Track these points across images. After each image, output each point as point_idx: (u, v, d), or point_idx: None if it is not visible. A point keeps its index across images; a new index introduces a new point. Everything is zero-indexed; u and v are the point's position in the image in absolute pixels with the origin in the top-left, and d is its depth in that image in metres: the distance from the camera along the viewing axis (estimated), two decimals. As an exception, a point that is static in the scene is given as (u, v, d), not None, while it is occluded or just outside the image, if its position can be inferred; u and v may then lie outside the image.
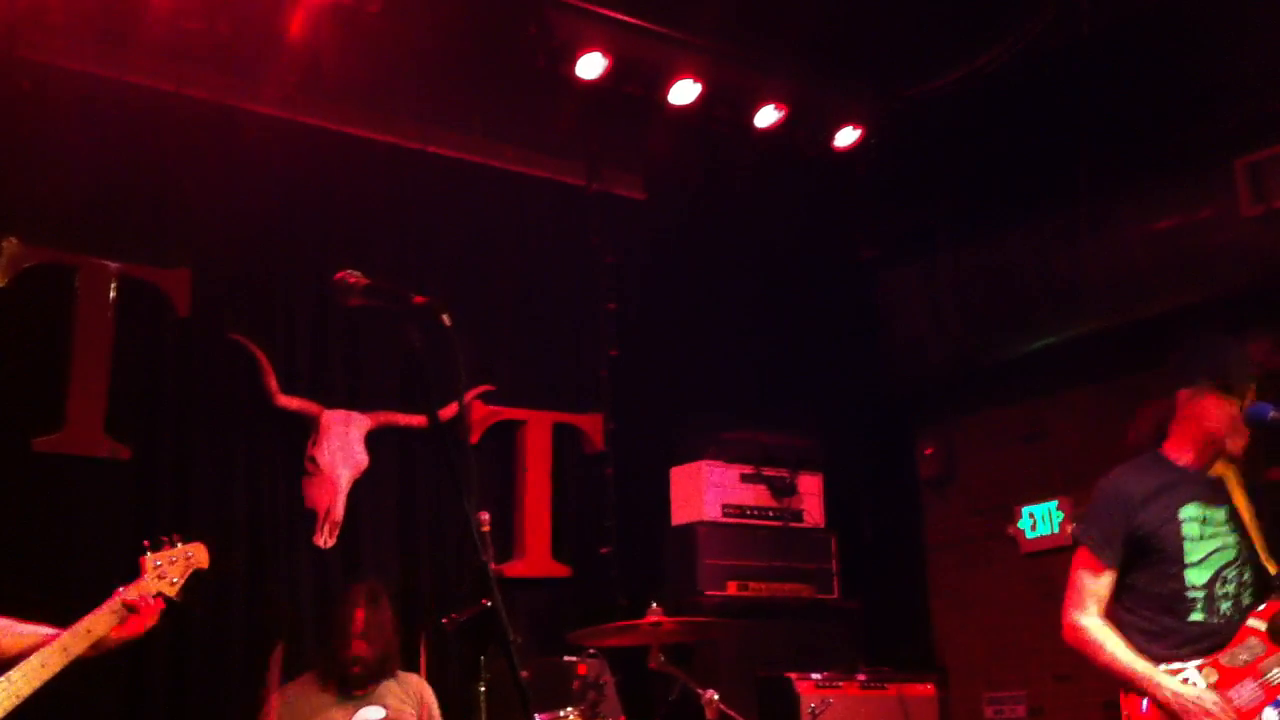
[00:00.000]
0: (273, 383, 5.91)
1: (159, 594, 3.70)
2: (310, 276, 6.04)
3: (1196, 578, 3.81)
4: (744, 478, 6.88)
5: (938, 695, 6.40)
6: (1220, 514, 3.88)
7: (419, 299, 2.86)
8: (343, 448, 5.98)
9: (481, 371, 6.49)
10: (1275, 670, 3.71)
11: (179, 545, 3.80)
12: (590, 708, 4.75)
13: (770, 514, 6.91)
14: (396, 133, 6.54)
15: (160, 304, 5.78)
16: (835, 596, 6.95)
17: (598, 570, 6.72)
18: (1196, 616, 3.80)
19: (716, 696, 4.75)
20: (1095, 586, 3.88)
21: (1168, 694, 3.69)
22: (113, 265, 5.67)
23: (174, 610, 5.39)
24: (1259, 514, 3.90)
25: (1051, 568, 7.27)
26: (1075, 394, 7.53)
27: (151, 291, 5.78)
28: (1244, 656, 3.74)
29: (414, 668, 5.25)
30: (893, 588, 7.74)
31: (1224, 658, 3.74)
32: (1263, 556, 3.84)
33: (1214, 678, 3.72)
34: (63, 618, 5.18)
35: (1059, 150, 6.77)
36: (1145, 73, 6.27)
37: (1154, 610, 3.85)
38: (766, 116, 6.65)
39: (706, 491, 6.74)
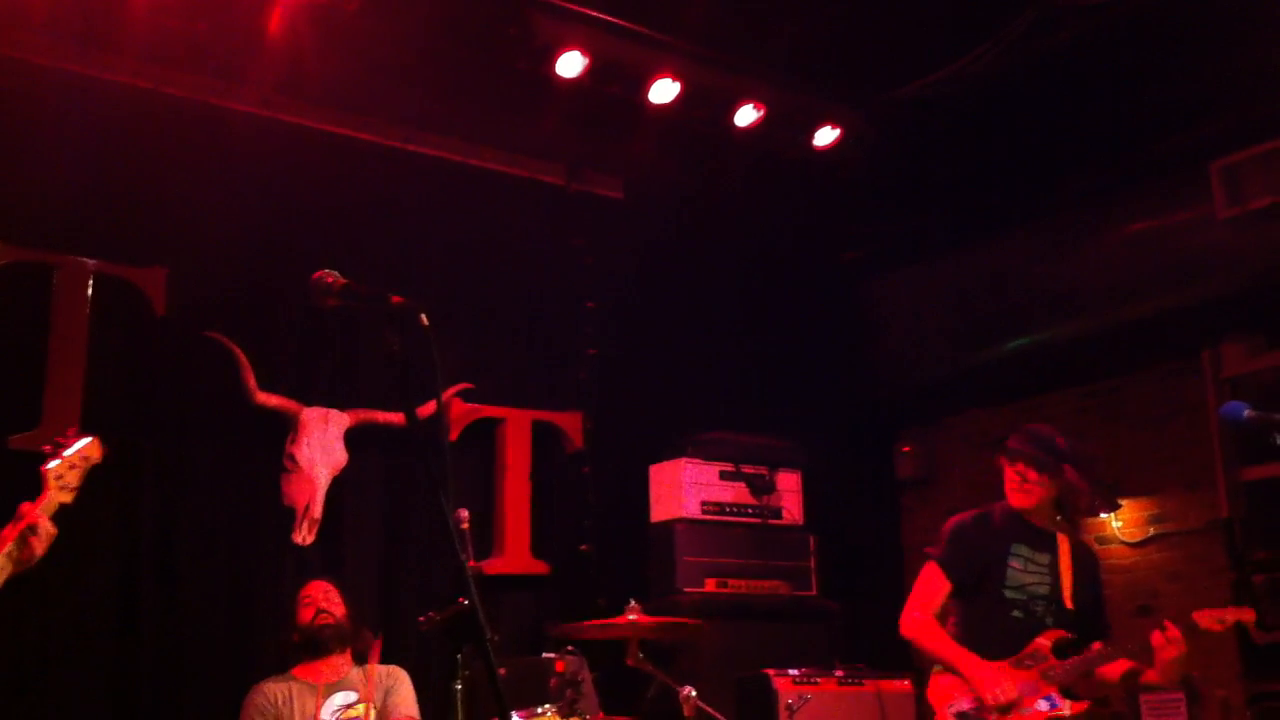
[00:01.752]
0: (251, 380, 5.90)
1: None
2: (289, 275, 6.03)
3: (1014, 596, 4.73)
4: (723, 475, 6.90)
5: (915, 692, 6.42)
6: (1043, 558, 4.78)
7: (396, 299, 2.87)
8: (322, 445, 5.99)
9: (461, 370, 6.50)
10: (1051, 674, 4.60)
11: (73, 447, 3.65)
12: (568, 705, 4.75)
13: (749, 511, 6.93)
14: (376, 132, 6.54)
15: (137, 302, 5.77)
16: (813, 594, 6.98)
17: (577, 567, 6.74)
18: (1012, 624, 4.71)
19: (694, 693, 4.76)
20: (934, 593, 4.84)
21: (972, 670, 4.61)
22: (90, 263, 5.66)
23: (160, 604, 5.46)
24: (1079, 570, 4.81)
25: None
26: (1055, 396, 7.59)
27: (128, 290, 5.77)
28: (1029, 662, 4.62)
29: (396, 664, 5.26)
30: (871, 587, 7.77)
31: (1013, 661, 4.63)
32: (1066, 595, 4.73)
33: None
34: (42, 610, 5.24)
35: (1040, 157, 6.82)
36: (1122, 78, 6.32)
37: (978, 621, 4.77)
38: (746, 116, 6.66)
39: (685, 489, 6.76)
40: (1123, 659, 4.61)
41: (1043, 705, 4.55)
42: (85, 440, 3.67)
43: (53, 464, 3.55)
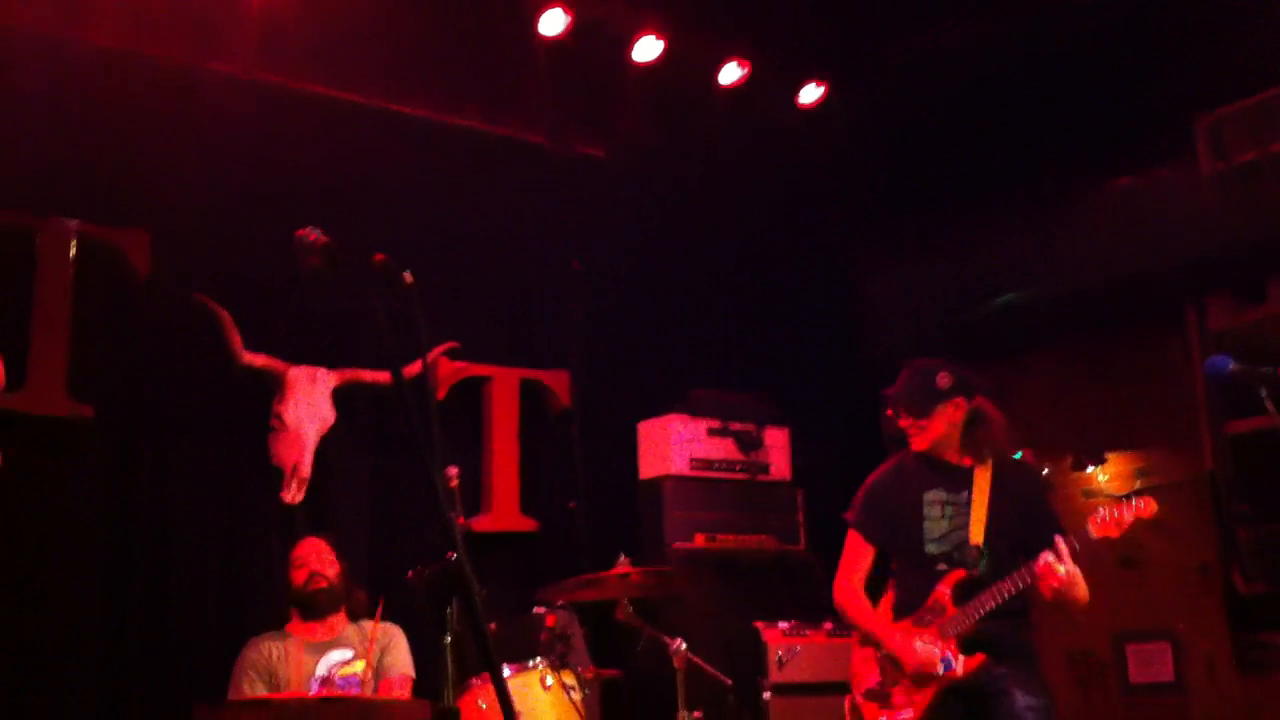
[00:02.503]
0: (237, 341, 5.90)
1: None
2: (272, 236, 5.98)
3: (937, 549, 4.45)
4: (711, 432, 6.93)
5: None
6: (963, 496, 4.47)
7: (380, 257, 2.87)
8: (309, 404, 5.99)
9: (448, 329, 6.50)
10: (947, 629, 4.31)
11: None
12: (559, 659, 4.80)
13: (737, 467, 6.96)
14: (359, 91, 6.51)
15: (122, 264, 5.76)
16: (801, 548, 7.02)
17: (565, 524, 6.77)
18: (940, 569, 4.42)
19: (684, 646, 4.81)
20: (856, 559, 4.68)
21: (886, 637, 4.44)
22: (72, 225, 5.64)
23: (150, 564, 5.47)
24: (998, 496, 4.44)
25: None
26: (1041, 353, 7.60)
27: (112, 251, 5.75)
28: (928, 617, 4.37)
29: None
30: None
31: (914, 620, 4.41)
32: (973, 531, 4.40)
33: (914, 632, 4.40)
34: (39, 565, 5.26)
35: (1022, 117, 6.79)
36: (1105, 33, 6.29)
37: (906, 582, 4.54)
38: (730, 74, 6.64)
39: (674, 446, 6.79)
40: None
41: (939, 668, 4.29)
42: None
43: None
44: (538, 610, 5.29)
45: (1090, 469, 7.29)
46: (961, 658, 4.27)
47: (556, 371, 6.99)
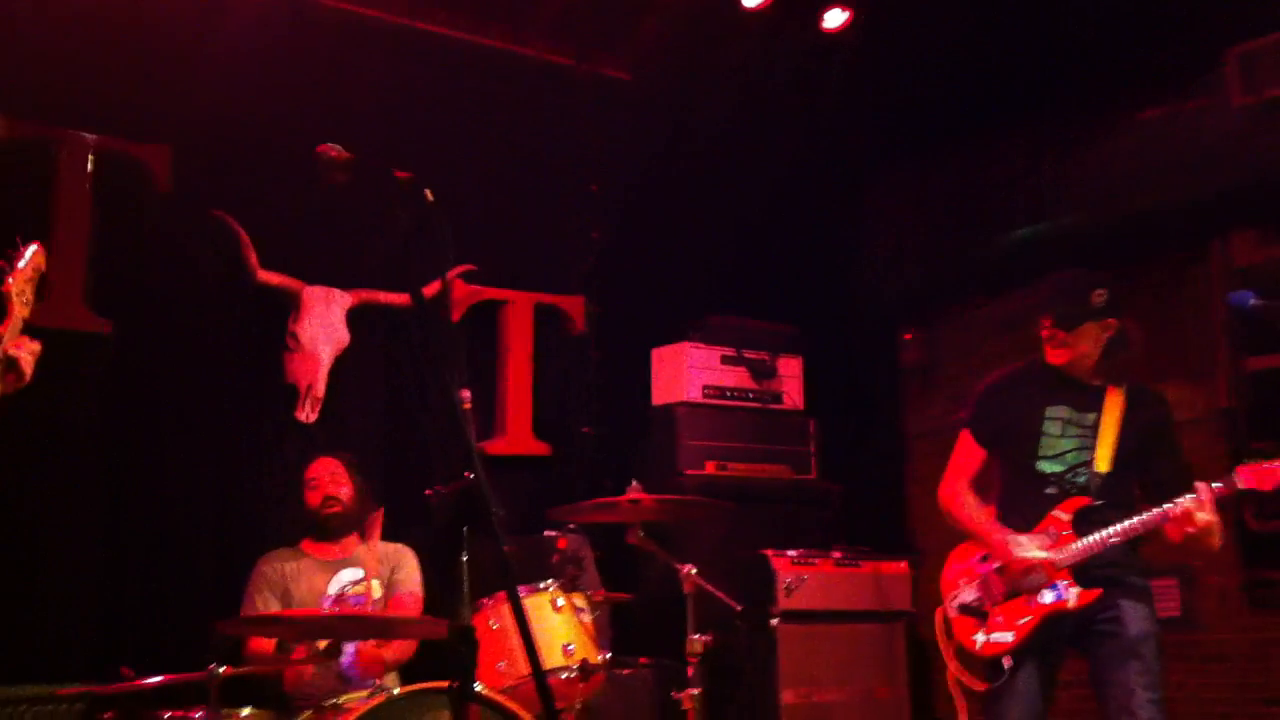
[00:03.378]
0: (253, 258, 5.89)
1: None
2: (292, 153, 5.94)
3: (1050, 468, 4.26)
4: (725, 360, 6.92)
5: (911, 574, 6.51)
6: (1089, 418, 4.28)
7: (401, 174, 2.84)
8: (324, 324, 5.99)
9: (464, 252, 6.46)
10: (1061, 557, 4.13)
11: (24, 259, 3.45)
12: (570, 581, 4.82)
13: (750, 396, 6.96)
14: (383, 7, 6.43)
15: (141, 178, 5.74)
16: (813, 478, 7.03)
17: (578, 449, 6.78)
18: (1045, 501, 4.24)
19: (694, 571, 4.83)
20: (966, 461, 4.46)
21: (991, 533, 4.29)
22: (91, 138, 5.61)
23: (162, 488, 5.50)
24: (1128, 424, 4.26)
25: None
26: (1059, 284, 7.55)
27: (132, 165, 5.73)
28: (1042, 540, 4.18)
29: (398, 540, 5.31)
30: (871, 473, 7.82)
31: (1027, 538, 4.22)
32: (1100, 457, 4.21)
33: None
34: (48, 482, 5.29)
35: (1052, 47, 6.68)
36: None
37: (1012, 494, 4.36)
38: (756, -7, 6.55)
39: (687, 373, 6.78)
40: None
41: (1047, 596, 4.14)
42: (32, 248, 3.49)
43: (10, 281, 3.37)
44: (549, 533, 5.32)
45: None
46: (1076, 589, 4.12)
47: (572, 296, 6.97)
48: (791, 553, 6.17)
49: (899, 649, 6.35)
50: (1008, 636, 4.18)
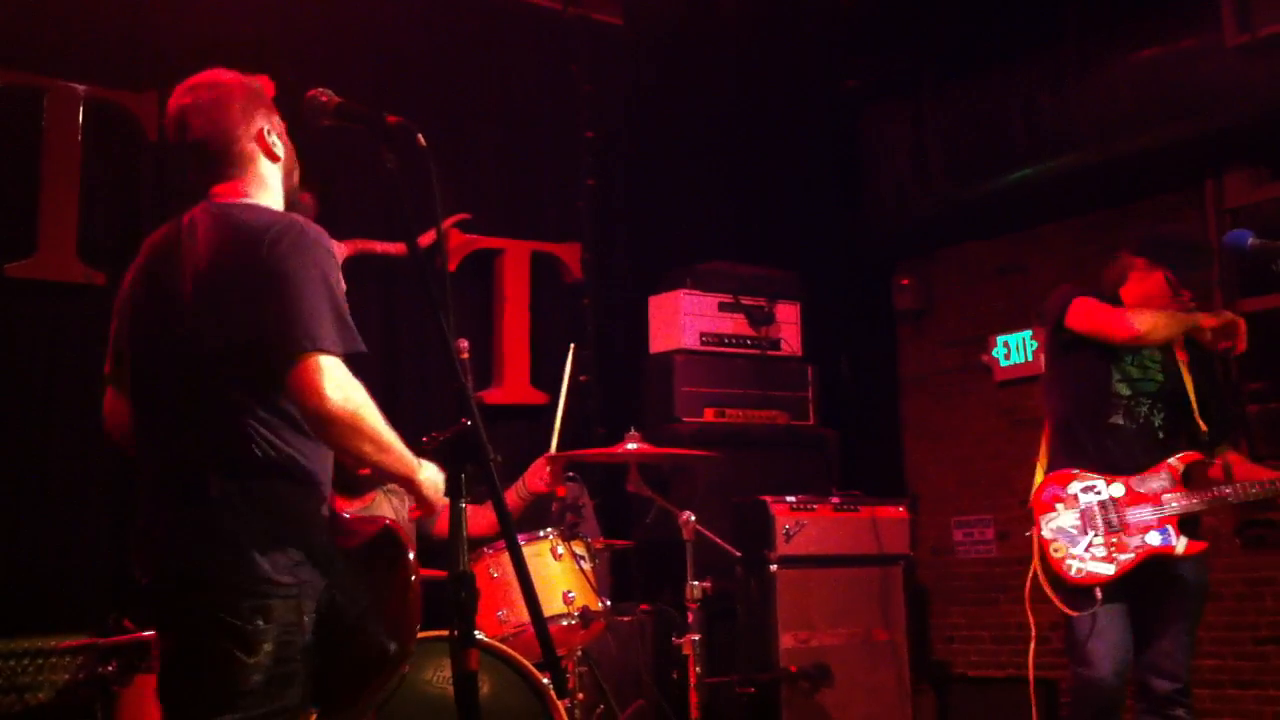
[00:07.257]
0: (247, 209, 5.85)
1: None
2: (281, 100, 5.90)
3: (1123, 391, 4.39)
4: (722, 306, 6.90)
5: (909, 518, 6.53)
6: (1156, 356, 4.43)
7: (392, 119, 2.82)
8: (319, 274, 5.96)
9: (458, 200, 6.44)
10: (1174, 504, 4.26)
11: None
12: (569, 529, 4.83)
13: (748, 343, 6.95)
14: (369, -48, 6.37)
15: (130, 128, 5.69)
16: (811, 423, 7.04)
17: (576, 398, 6.77)
18: (1117, 419, 4.39)
19: (693, 518, 4.85)
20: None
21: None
22: (80, 88, 5.56)
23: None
24: (1203, 384, 4.47)
25: (1024, 398, 7.38)
26: (1054, 226, 7.55)
27: (122, 114, 5.68)
28: (1153, 485, 4.29)
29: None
30: (867, 418, 7.84)
31: (1134, 481, 4.32)
32: (1195, 412, 4.38)
33: (1120, 492, 4.32)
34: (47, 435, 5.28)
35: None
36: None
37: (1082, 411, 4.43)
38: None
39: (684, 320, 6.76)
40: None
41: (1154, 538, 4.24)
42: None
43: None
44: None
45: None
46: (1184, 539, 4.23)
47: (568, 244, 6.94)
48: (790, 498, 6.19)
49: (897, 592, 6.37)
50: (1108, 569, 4.24)
